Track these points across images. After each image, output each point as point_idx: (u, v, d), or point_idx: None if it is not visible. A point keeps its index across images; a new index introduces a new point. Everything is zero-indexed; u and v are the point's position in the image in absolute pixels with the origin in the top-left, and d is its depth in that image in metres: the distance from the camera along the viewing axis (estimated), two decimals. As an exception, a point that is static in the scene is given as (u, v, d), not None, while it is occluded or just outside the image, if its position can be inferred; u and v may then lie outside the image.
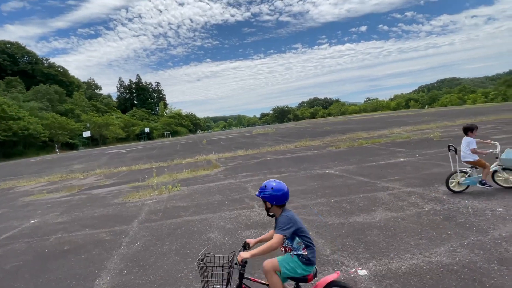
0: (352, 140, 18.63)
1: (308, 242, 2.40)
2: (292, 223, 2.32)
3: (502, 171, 5.33)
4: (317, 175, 8.97)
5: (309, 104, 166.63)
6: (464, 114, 33.35)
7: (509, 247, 3.26)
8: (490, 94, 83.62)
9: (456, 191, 5.58)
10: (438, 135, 15.19)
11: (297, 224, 2.35)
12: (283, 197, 2.42)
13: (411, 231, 4.01)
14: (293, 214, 2.43)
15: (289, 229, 2.30)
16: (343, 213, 5.12)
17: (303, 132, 36.11)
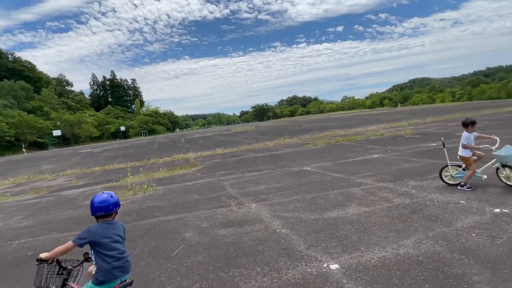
0: (329, 137, 19.02)
1: (103, 257, 2.29)
2: (88, 235, 2.28)
3: (503, 168, 5.09)
4: (294, 172, 9.08)
5: (288, 102, 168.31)
6: (433, 113, 35.00)
7: (469, 237, 3.45)
8: (457, 93, 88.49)
9: (450, 183, 5.60)
10: (410, 132, 15.85)
11: (95, 236, 2.28)
12: (92, 208, 2.39)
13: (381, 224, 4.16)
14: (101, 227, 2.37)
15: (81, 240, 2.27)
16: (318, 209, 5.22)
17: (282, 130, 36.42)
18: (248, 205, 6.06)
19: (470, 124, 5.29)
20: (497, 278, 2.60)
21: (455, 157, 5.61)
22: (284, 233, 4.32)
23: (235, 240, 4.29)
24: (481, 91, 79.03)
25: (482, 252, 3.08)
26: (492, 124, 16.02)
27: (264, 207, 5.76)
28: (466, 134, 5.28)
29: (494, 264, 2.83)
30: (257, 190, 7.24)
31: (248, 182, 8.29)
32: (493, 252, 3.05)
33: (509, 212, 4.04)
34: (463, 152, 5.30)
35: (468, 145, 5.21)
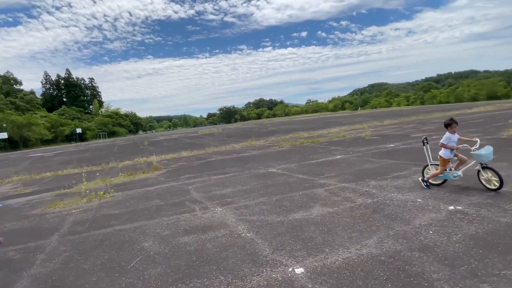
0: (294, 139, 19.32)
1: None
2: None
3: (484, 171, 4.92)
4: (260, 174, 9.01)
5: (255, 105, 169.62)
6: (390, 116, 37.23)
7: (427, 235, 3.58)
8: (411, 98, 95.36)
9: (434, 183, 5.57)
10: (369, 134, 16.62)
11: None
12: None
13: (345, 225, 4.19)
14: None
15: None
16: (283, 211, 5.16)
17: (249, 132, 36.44)
18: (213, 209, 5.84)
19: (449, 125, 5.20)
20: (456, 275, 2.69)
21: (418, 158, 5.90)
22: (249, 237, 4.18)
23: (198, 248, 4.06)
24: (432, 96, 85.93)
25: (440, 249, 3.20)
26: (442, 126, 17.35)
27: (229, 211, 5.58)
28: (447, 135, 5.20)
29: (451, 261, 2.93)
30: (223, 194, 7.04)
31: (214, 186, 8.05)
32: (450, 249, 3.18)
33: (462, 209, 4.28)
34: (442, 152, 5.22)
35: (446, 145, 5.12)
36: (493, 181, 4.81)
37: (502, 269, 2.70)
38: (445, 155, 5.18)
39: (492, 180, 4.83)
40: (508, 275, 2.59)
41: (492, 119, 18.11)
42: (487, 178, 4.89)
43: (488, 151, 4.76)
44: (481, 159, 4.82)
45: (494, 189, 4.80)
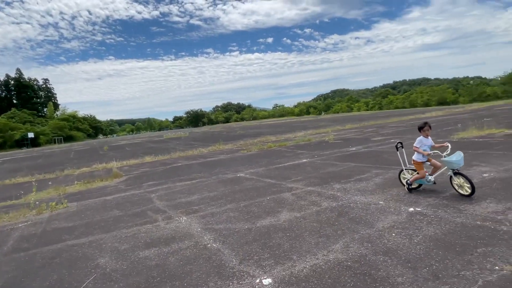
0: (262, 143, 19.38)
1: None
2: None
3: (456, 176, 4.83)
4: (228, 179, 8.83)
5: (223, 109, 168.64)
6: (351, 120, 38.96)
7: (390, 238, 3.66)
8: (370, 103, 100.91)
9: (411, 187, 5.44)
10: (333, 138, 17.17)
11: None
12: None
13: (312, 230, 4.17)
14: None
15: None
16: (251, 217, 5.04)
17: (217, 136, 35.99)
18: (178, 218, 5.55)
19: (421, 128, 5.15)
20: (419, 278, 2.75)
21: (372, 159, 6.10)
22: (216, 248, 4.00)
23: (160, 262, 3.79)
24: (389, 101, 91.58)
25: (403, 251, 3.27)
26: (399, 130, 18.43)
27: (195, 220, 5.33)
28: (420, 138, 5.14)
29: (414, 264, 3.00)
30: (189, 201, 6.75)
31: (179, 193, 7.72)
32: (412, 251, 3.26)
33: (421, 210, 4.47)
34: (415, 156, 5.21)
35: (419, 149, 5.07)
36: (465, 187, 4.72)
37: (461, 270, 2.80)
38: (418, 159, 5.15)
39: (464, 186, 4.74)
40: (467, 276, 2.70)
41: (443, 123, 19.63)
42: (459, 184, 4.80)
43: (459, 158, 4.70)
44: (452, 165, 4.77)
45: (466, 195, 4.69)
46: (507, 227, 3.56)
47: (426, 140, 5.12)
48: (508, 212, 3.97)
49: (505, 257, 2.93)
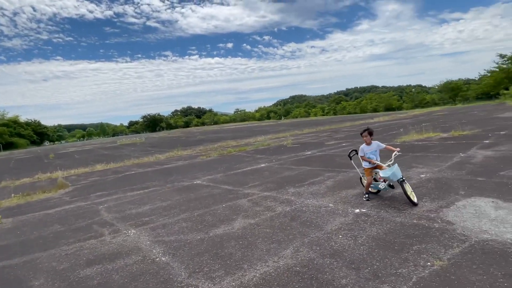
0: (222, 148, 19.22)
1: None
2: None
3: (404, 184, 4.65)
4: (184, 187, 8.56)
5: (182, 113, 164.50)
6: (309, 125, 40.48)
7: (337, 239, 3.81)
8: (326, 108, 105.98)
9: (373, 192, 5.41)
10: (290, 142, 17.64)
11: None
12: None
13: (264, 236, 4.19)
14: None
15: None
16: (205, 227, 4.92)
17: (175, 141, 34.95)
18: (126, 232, 5.22)
19: (361, 135, 5.18)
20: (361, 279, 2.88)
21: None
22: (165, 261, 3.82)
23: (102, 281, 3.51)
24: (342, 107, 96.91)
25: (348, 253, 3.41)
26: (350, 134, 19.52)
27: (144, 232, 5.06)
28: (361, 147, 5.19)
29: (357, 264, 3.14)
30: (140, 212, 6.40)
31: (130, 203, 7.29)
32: (356, 252, 3.42)
33: (366, 211, 4.73)
34: (363, 163, 5.23)
35: (363, 157, 5.12)
36: (414, 194, 4.74)
37: (398, 268, 3.00)
38: (365, 165, 5.16)
39: (413, 193, 4.73)
40: (404, 273, 2.89)
41: (388, 128, 21.22)
42: (410, 191, 4.70)
43: (389, 173, 4.64)
44: (389, 179, 4.78)
45: (416, 203, 4.62)
46: (439, 224, 3.91)
47: (367, 147, 5.13)
48: (440, 210, 4.37)
49: (436, 253, 3.20)
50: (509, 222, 3.70)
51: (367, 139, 5.13)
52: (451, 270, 2.84)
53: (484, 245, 3.22)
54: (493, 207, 4.25)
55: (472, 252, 3.11)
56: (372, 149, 5.14)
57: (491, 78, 51.71)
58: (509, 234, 3.39)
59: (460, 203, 4.55)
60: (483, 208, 4.26)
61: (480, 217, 3.96)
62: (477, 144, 9.46)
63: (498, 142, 9.49)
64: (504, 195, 4.66)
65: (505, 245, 3.18)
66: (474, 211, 4.18)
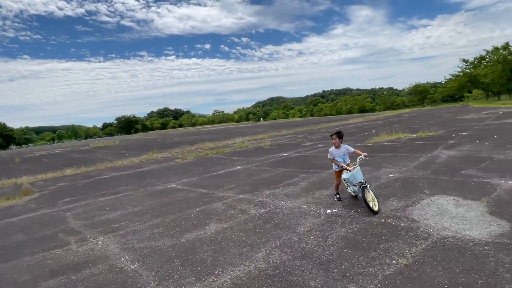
0: (199, 150, 18.98)
1: None
2: None
3: (364, 190, 4.56)
4: (158, 191, 8.35)
5: (159, 114, 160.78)
6: (287, 126, 40.97)
7: (308, 241, 3.86)
8: (303, 110, 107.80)
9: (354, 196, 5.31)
10: (268, 144, 17.74)
11: None
12: None
13: (237, 240, 4.16)
14: None
15: None
16: (177, 232, 4.82)
17: (151, 143, 34.07)
18: (94, 239, 5.00)
19: (332, 137, 5.18)
20: (329, 279, 2.92)
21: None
22: (133, 269, 3.69)
23: (65, 293, 3.33)
24: (319, 109, 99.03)
25: (318, 254, 3.47)
26: (326, 136, 19.95)
27: (113, 240, 4.87)
28: (330, 150, 5.21)
29: (327, 265, 3.19)
30: (109, 219, 6.16)
31: (100, 209, 7.00)
32: (326, 252, 3.48)
33: (337, 211, 4.83)
34: (334, 166, 5.25)
35: (332, 160, 5.17)
36: (375, 201, 4.62)
37: (365, 267, 3.08)
38: (335, 168, 5.23)
39: (375, 200, 4.62)
40: (370, 272, 2.97)
41: (362, 129, 21.92)
42: (372, 199, 4.60)
43: (349, 175, 4.69)
44: (349, 181, 4.81)
45: (376, 211, 4.47)
46: (404, 222, 4.07)
47: (336, 150, 5.13)
48: (406, 209, 4.56)
49: (401, 251, 3.32)
50: (467, 219, 3.92)
51: (336, 141, 5.10)
52: (414, 267, 2.96)
53: (445, 242, 3.39)
54: (454, 205, 4.49)
55: (433, 249, 3.26)
56: (340, 152, 5.12)
57: (455, 81, 54.77)
58: (468, 231, 3.60)
59: (424, 202, 4.77)
60: (445, 206, 4.48)
61: (442, 214, 4.17)
62: (442, 145, 9.98)
63: (460, 142, 10.06)
64: (464, 193, 4.94)
65: (463, 241, 3.36)
66: (437, 209, 4.39)
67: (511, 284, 2.53)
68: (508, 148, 8.13)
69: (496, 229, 3.55)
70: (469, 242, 3.32)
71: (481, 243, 3.27)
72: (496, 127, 12.90)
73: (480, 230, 3.58)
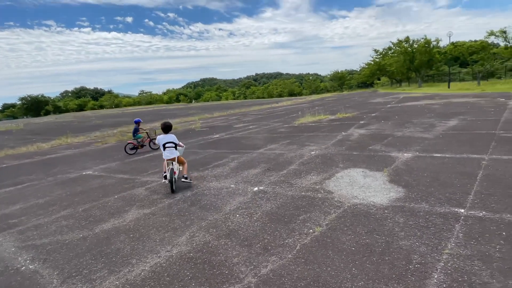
0: (122, 134, 17.41)
1: None
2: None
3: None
4: (69, 179, 7.37)
5: (75, 94, 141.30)
6: (220, 108, 40.52)
7: (234, 219, 3.87)
8: (236, 92, 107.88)
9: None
10: (199, 126, 17.27)
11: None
12: None
13: (160, 225, 3.94)
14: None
15: None
16: (90, 223, 4.31)
17: (65, 127, 29.95)
18: (-20, 240, 4.14)
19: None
20: (252, 255, 2.97)
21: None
22: (32, 270, 3.17)
23: None
24: (252, 91, 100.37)
25: (243, 231, 3.50)
26: (258, 117, 20.39)
27: (9, 238, 4.12)
28: (172, 136, 5.52)
29: (250, 241, 3.24)
30: (6, 214, 5.20)
31: (-8, 204, 5.84)
32: (250, 229, 3.53)
33: (264, 188, 4.96)
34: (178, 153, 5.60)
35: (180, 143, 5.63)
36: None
37: (286, 239, 3.22)
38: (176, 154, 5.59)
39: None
40: (290, 243, 3.12)
41: (290, 111, 23.02)
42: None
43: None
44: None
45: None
46: (322, 194, 4.40)
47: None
48: (323, 182, 4.94)
49: (317, 220, 3.58)
50: (372, 187, 4.44)
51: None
52: (327, 234, 3.22)
53: (354, 209, 3.77)
54: (363, 176, 5.05)
55: (344, 216, 3.60)
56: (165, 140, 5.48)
57: (367, 69, 61.34)
58: (372, 198, 4.07)
59: (339, 174, 5.24)
60: (355, 177, 5.00)
61: (352, 185, 4.64)
62: (355, 125, 11.12)
63: (370, 122, 11.37)
64: (370, 166, 5.59)
65: (369, 207, 3.79)
66: (348, 181, 4.86)
67: (404, 240, 2.95)
68: (405, 126, 9.49)
69: (394, 195, 4.11)
70: (373, 207, 3.76)
71: (382, 207, 3.74)
72: (397, 109, 14.95)
73: (382, 196, 4.09)
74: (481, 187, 4.05)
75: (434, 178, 4.58)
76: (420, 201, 3.81)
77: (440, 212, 3.44)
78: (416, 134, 8.07)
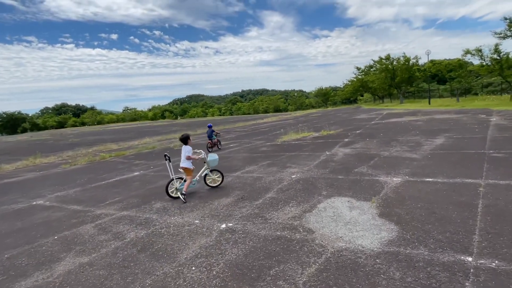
0: (96, 153, 16.29)
1: None
2: None
3: (210, 173, 6.30)
4: (13, 212, 6.35)
5: (55, 111, 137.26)
6: (204, 125, 39.73)
7: (188, 273, 3.05)
8: (223, 109, 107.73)
9: (175, 197, 5.82)
10: (179, 144, 16.38)
11: None
12: None
13: (93, 283, 3.06)
14: None
15: None
16: (7, 278, 3.38)
17: (39, 146, 28.29)
18: None
19: (188, 138, 5.99)
20: None
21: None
22: None
23: None
24: (238, 108, 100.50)
25: (193, 294, 2.69)
26: (240, 135, 19.72)
27: None
28: (187, 147, 5.87)
29: (198, 312, 2.44)
30: None
31: None
32: (203, 290, 2.73)
33: (232, 226, 4.17)
34: (187, 164, 5.79)
35: (192, 156, 5.86)
36: (217, 180, 6.39)
37: (248, 305, 2.44)
38: (189, 165, 5.84)
39: (216, 179, 6.38)
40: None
41: (274, 127, 22.51)
42: (213, 179, 6.36)
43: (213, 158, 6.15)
44: (210, 165, 6.19)
45: (218, 185, 6.37)
46: (300, 234, 3.66)
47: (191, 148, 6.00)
48: (303, 216, 4.21)
49: (292, 276, 2.82)
50: (360, 224, 3.75)
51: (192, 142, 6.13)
52: (304, 298, 2.46)
53: (339, 258, 3.04)
54: (348, 207, 4.36)
55: (327, 270, 2.86)
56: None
57: (351, 86, 62.55)
58: (360, 239, 3.37)
59: (321, 205, 4.53)
60: (340, 209, 4.30)
61: (337, 220, 3.93)
62: (340, 143, 10.58)
63: (354, 140, 10.86)
64: (357, 193, 4.92)
65: (356, 254, 3.08)
66: (332, 214, 4.16)
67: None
68: (391, 145, 8.99)
69: (386, 234, 3.42)
70: (362, 254, 3.05)
71: (373, 254, 3.03)
72: (381, 126, 14.62)
73: (371, 237, 3.39)
74: (485, 223, 3.43)
75: (430, 211, 3.94)
76: (418, 244, 3.13)
77: (443, 262, 2.76)
78: (404, 154, 7.55)
